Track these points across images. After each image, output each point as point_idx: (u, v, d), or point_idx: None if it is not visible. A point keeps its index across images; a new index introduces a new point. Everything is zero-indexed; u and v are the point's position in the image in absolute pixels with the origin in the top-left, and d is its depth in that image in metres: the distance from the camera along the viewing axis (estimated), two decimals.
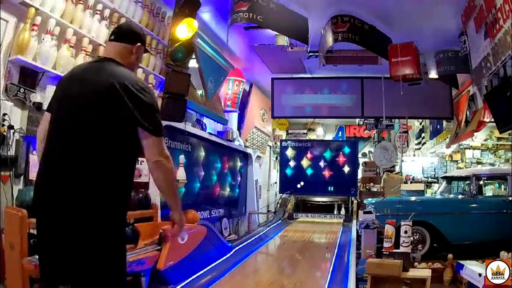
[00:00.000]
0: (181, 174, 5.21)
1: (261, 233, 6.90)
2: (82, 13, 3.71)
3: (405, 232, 4.23)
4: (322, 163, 9.44)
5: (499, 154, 11.09)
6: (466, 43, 5.15)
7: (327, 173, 9.39)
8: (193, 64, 5.49)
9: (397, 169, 9.64)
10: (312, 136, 12.85)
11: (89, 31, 3.79)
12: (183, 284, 3.68)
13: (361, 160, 10.99)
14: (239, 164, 8.59)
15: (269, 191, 11.17)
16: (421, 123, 11.58)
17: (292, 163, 9.54)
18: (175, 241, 3.64)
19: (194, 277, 3.90)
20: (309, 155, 9.52)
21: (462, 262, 4.16)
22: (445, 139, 9.71)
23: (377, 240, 4.97)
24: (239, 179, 8.61)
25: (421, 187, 8.34)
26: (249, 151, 8.90)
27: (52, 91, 3.26)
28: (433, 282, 4.01)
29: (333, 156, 9.43)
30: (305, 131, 12.77)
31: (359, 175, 9.66)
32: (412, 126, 11.50)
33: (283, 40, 6.02)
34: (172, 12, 4.64)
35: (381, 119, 8.18)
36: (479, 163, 10.98)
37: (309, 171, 9.46)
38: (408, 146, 9.12)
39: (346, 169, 9.32)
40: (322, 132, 13.03)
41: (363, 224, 5.11)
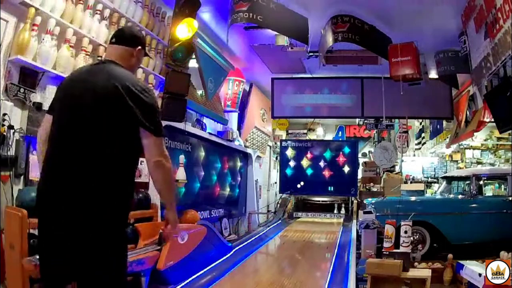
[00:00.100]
0: (181, 174, 5.19)
1: (261, 233, 6.90)
2: (82, 13, 3.71)
3: (405, 232, 4.22)
4: (322, 163, 9.45)
5: (499, 154, 11.08)
6: (466, 43, 5.15)
7: (327, 173, 9.40)
8: (193, 64, 5.49)
9: (397, 169, 9.63)
10: (312, 136, 12.85)
11: (89, 31, 3.79)
12: (183, 284, 3.68)
13: (361, 160, 10.98)
14: (239, 164, 8.58)
15: (269, 191, 11.17)
16: (421, 123, 11.56)
17: (292, 163, 9.54)
18: (175, 241, 3.64)
19: (194, 277, 3.90)
20: (309, 155, 9.52)
21: (462, 262, 4.16)
22: (445, 139, 9.70)
23: (377, 240, 4.97)
24: (239, 179, 8.61)
25: (421, 187, 8.32)
26: (249, 151, 8.89)
27: (52, 91, 3.28)
28: (433, 282, 4.00)
29: (333, 156, 9.44)
30: (305, 131, 12.76)
31: (359, 175, 9.66)
32: (412, 126, 11.49)
33: (283, 40, 6.01)
34: (172, 12, 4.64)
35: (381, 119, 8.17)
36: (479, 163, 10.97)
37: (309, 171, 9.47)
38: (408, 146, 9.13)
39: (346, 169, 9.33)
40: (322, 132, 13.03)
41: (363, 224, 5.11)
